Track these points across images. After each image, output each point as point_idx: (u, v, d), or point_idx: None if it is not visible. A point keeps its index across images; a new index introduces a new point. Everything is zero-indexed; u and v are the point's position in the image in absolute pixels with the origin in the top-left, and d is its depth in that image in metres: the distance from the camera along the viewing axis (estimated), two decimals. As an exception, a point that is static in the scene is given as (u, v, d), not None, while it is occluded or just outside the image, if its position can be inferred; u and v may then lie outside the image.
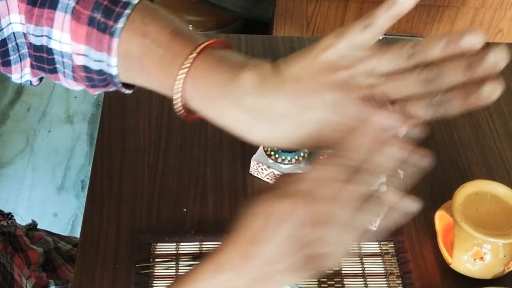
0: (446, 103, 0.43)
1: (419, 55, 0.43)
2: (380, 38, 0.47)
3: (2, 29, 0.57)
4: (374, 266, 0.79)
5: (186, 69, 0.49)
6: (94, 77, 0.57)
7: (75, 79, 0.59)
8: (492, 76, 0.42)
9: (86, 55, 0.55)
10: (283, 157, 0.83)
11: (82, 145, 2.07)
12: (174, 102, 0.51)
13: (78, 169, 2.00)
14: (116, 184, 0.86)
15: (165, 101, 0.97)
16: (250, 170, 0.88)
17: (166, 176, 0.87)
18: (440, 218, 0.80)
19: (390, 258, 0.80)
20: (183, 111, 0.52)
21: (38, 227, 0.99)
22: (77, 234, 0.94)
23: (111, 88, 0.59)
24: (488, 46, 0.43)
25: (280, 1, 1.62)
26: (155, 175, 0.87)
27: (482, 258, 0.74)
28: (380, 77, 0.45)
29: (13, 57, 0.59)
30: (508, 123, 0.98)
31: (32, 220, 0.99)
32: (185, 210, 0.83)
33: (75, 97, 2.21)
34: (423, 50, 0.43)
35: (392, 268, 0.79)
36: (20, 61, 0.60)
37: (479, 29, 0.43)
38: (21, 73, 0.61)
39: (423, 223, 0.83)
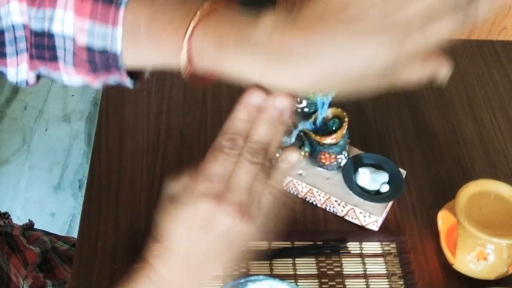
0: (472, 8, 0.43)
1: None
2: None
3: (1, 18, 0.57)
4: (376, 266, 0.79)
5: (193, 25, 0.49)
6: (96, 59, 0.56)
7: (75, 66, 0.58)
8: None
9: (89, 31, 0.54)
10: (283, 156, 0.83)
11: (79, 144, 2.07)
12: (181, 59, 0.51)
13: (76, 168, 2.00)
14: (114, 184, 0.86)
15: (163, 100, 0.97)
16: (250, 169, 0.87)
17: (164, 175, 0.87)
18: (443, 218, 0.80)
19: (392, 258, 0.80)
20: (189, 68, 0.51)
21: (35, 227, 0.99)
22: (74, 234, 0.94)
23: (113, 77, 0.58)
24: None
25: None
26: (153, 174, 0.87)
27: (485, 258, 0.74)
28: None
29: (9, 49, 0.59)
30: (512, 122, 0.98)
31: (29, 220, 0.99)
32: (184, 210, 0.83)
33: (73, 95, 2.21)
34: None
35: (394, 269, 0.79)
36: (17, 55, 0.59)
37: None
38: (17, 68, 0.60)
39: (425, 223, 0.83)
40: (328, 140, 0.82)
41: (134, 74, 0.58)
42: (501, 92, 1.03)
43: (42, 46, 0.58)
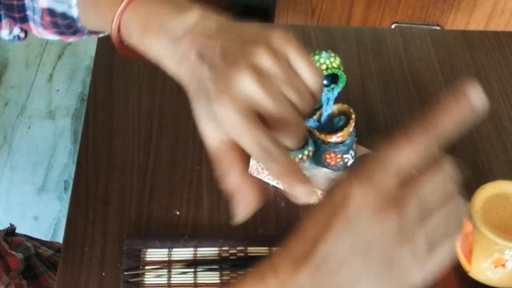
0: None
1: None
2: (393, 27, 0.47)
3: None
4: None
5: (126, 3, 0.53)
6: (59, 22, 0.61)
7: (44, 27, 0.63)
8: None
9: None
10: (285, 156, 0.83)
11: (65, 142, 2.07)
12: (111, 32, 0.56)
13: (61, 169, 2.00)
14: (102, 185, 0.86)
15: (156, 95, 0.97)
16: (249, 169, 0.87)
17: (157, 176, 0.87)
18: (458, 223, 0.80)
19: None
20: (118, 42, 0.56)
21: (17, 231, 0.99)
22: (59, 239, 0.94)
23: (81, 37, 0.64)
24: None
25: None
26: (145, 175, 0.87)
27: (503, 265, 0.74)
28: None
29: (2, 11, 0.63)
30: (532, 119, 0.98)
31: (10, 224, 0.99)
32: (178, 213, 0.83)
33: (58, 90, 2.21)
34: None
35: (405, 277, 0.79)
36: (7, 15, 0.64)
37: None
38: (9, 28, 0.66)
39: (438, 228, 0.83)
40: (334, 138, 0.82)
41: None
42: (520, 87, 1.03)
43: (12, 7, 0.63)
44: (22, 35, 0.70)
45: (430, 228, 0.41)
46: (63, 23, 0.61)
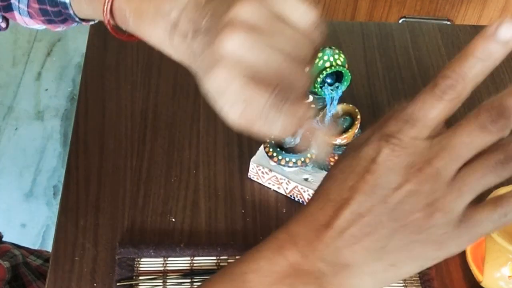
0: None
1: None
2: (401, 21, 0.47)
3: None
4: (393, 285, 0.79)
5: None
6: (48, 9, 0.61)
7: (30, 15, 0.63)
8: None
9: None
10: (287, 159, 0.83)
11: (54, 145, 2.07)
12: (104, 18, 0.56)
13: (50, 173, 2.00)
14: (93, 190, 0.86)
15: (150, 94, 0.97)
16: (248, 174, 0.88)
17: (151, 180, 0.87)
18: (469, 229, 0.80)
19: (412, 276, 0.80)
20: (111, 27, 0.57)
21: (3, 239, 0.99)
22: (48, 247, 0.94)
23: (71, 25, 0.64)
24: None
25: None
26: (138, 179, 0.87)
27: (518, 275, 0.74)
28: None
29: None
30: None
31: (-4, 231, 0.99)
32: (173, 220, 0.84)
33: (46, 89, 2.21)
34: None
35: (414, 287, 0.79)
36: None
37: None
38: None
39: (449, 235, 0.83)
40: (338, 140, 0.82)
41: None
42: (535, 85, 1.03)
43: None
44: (3, 25, 0.69)
45: (464, 191, 0.39)
46: (53, 10, 0.61)
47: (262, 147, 0.86)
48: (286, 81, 0.44)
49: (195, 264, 0.79)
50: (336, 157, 0.82)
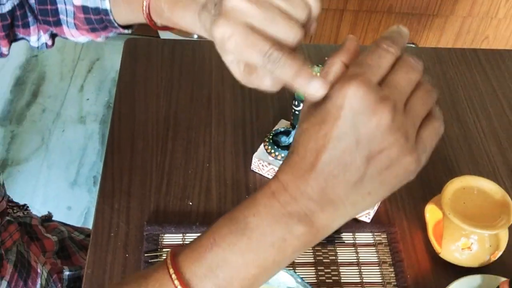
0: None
1: None
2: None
3: None
4: (368, 255, 0.79)
5: None
6: (92, 18, 0.59)
7: (77, 27, 0.62)
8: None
9: None
10: (282, 155, 0.83)
11: (94, 143, 2.07)
12: (143, 13, 0.55)
13: (90, 166, 2.00)
14: (126, 180, 0.86)
15: (171, 103, 0.97)
16: (251, 166, 0.88)
17: (172, 172, 0.87)
18: (430, 211, 0.80)
19: (383, 248, 0.80)
20: (149, 21, 0.56)
21: (53, 219, 0.99)
22: (89, 225, 0.94)
23: (111, 32, 0.62)
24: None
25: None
26: (162, 171, 0.87)
27: (469, 248, 0.74)
28: None
29: (30, 18, 0.64)
30: (493, 123, 0.98)
31: (48, 212, 0.99)
32: (190, 203, 0.84)
33: (88, 99, 2.21)
34: None
35: (385, 257, 0.79)
36: (36, 22, 0.63)
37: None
38: (38, 35, 0.65)
39: (414, 216, 0.83)
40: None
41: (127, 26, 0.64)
42: (483, 96, 1.03)
43: (46, 11, 0.61)
44: (49, 42, 0.68)
45: (413, 113, 0.40)
46: (96, 18, 0.60)
47: (262, 145, 0.86)
48: (281, 34, 0.42)
49: (208, 239, 0.79)
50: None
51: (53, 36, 0.67)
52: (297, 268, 0.77)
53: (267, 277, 0.43)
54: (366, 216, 0.81)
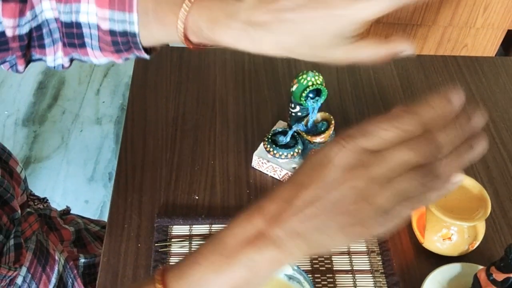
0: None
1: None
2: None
3: (36, 16, 0.58)
4: (358, 245, 0.79)
5: (190, 3, 0.51)
6: (118, 40, 0.57)
7: (101, 49, 0.60)
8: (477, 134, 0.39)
9: (110, 19, 0.56)
10: (280, 153, 0.83)
11: (109, 142, 2.07)
12: (178, 34, 0.52)
13: (106, 163, 2.00)
14: (138, 176, 0.86)
15: (179, 105, 0.97)
16: (252, 163, 0.87)
17: (180, 169, 0.87)
18: (414, 205, 0.80)
19: (371, 238, 0.80)
20: (186, 41, 0.53)
21: (71, 212, 0.99)
22: (105, 218, 0.94)
23: (133, 54, 0.60)
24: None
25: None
26: (171, 168, 0.87)
27: (450, 238, 0.74)
28: None
29: (47, 40, 0.60)
30: (472, 124, 0.98)
31: (66, 206, 0.99)
32: (197, 197, 0.83)
33: (103, 102, 2.21)
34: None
35: (373, 247, 0.79)
36: (53, 44, 0.61)
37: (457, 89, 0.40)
38: (54, 56, 0.62)
39: (399, 209, 0.83)
40: (318, 139, 0.82)
41: (149, 49, 0.60)
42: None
43: (72, 35, 0.59)
44: (66, 64, 0.65)
45: (393, 191, 0.39)
46: (122, 40, 0.57)
47: (262, 144, 0.86)
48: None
49: (212, 230, 0.79)
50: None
51: (71, 59, 0.65)
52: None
53: None
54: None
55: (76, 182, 1.94)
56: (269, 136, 0.86)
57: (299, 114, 0.83)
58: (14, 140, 2.05)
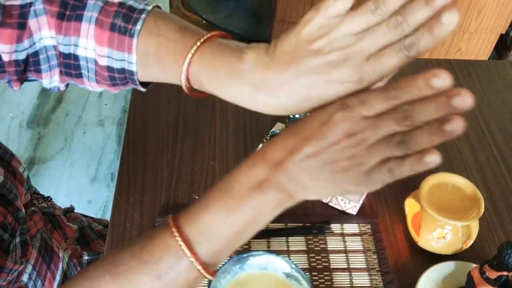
0: (416, 42, 0.41)
1: (382, 7, 0.41)
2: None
3: (34, 43, 0.57)
4: (354, 243, 0.79)
5: (191, 55, 0.49)
6: (115, 75, 0.57)
7: (97, 81, 0.59)
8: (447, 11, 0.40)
9: (109, 57, 0.55)
10: (278, 154, 0.83)
11: (111, 144, 2.07)
12: (181, 83, 0.51)
13: (108, 164, 2.00)
14: (140, 176, 0.86)
15: (180, 107, 0.97)
16: (251, 164, 0.87)
17: (181, 169, 0.87)
18: (409, 204, 0.80)
19: (368, 237, 0.80)
20: (188, 89, 0.52)
21: (75, 211, 0.99)
22: (107, 217, 0.94)
23: (129, 86, 0.59)
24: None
25: (275, 25, 1.62)
26: (172, 168, 0.87)
27: (444, 237, 0.74)
28: (355, 36, 0.43)
29: (43, 66, 0.60)
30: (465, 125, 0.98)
31: (70, 205, 0.99)
32: (197, 197, 0.83)
33: (106, 104, 2.21)
34: (382, 1, 0.41)
35: (369, 246, 0.79)
36: (50, 70, 0.60)
37: None
38: (50, 79, 0.62)
39: (395, 208, 0.83)
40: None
41: (145, 83, 0.59)
42: (456, 101, 1.03)
43: (69, 65, 0.58)
44: (62, 88, 0.63)
45: (376, 154, 0.42)
46: (120, 76, 0.56)
47: (261, 145, 0.86)
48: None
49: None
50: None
51: (67, 84, 0.63)
52: (291, 255, 0.77)
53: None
54: (353, 209, 0.81)
55: (79, 183, 1.94)
56: (268, 138, 0.86)
57: (296, 116, 0.83)
58: (18, 141, 2.05)
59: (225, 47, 0.49)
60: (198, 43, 0.49)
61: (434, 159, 0.42)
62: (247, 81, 0.46)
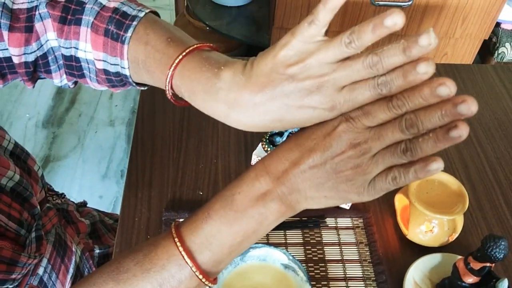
0: (389, 83, 0.39)
1: (356, 42, 0.39)
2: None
3: (42, 45, 0.57)
4: (348, 236, 0.79)
5: (173, 68, 0.48)
6: (112, 78, 0.56)
7: (98, 82, 0.59)
8: (425, 57, 0.39)
9: (104, 61, 0.55)
10: (277, 152, 0.83)
11: (121, 143, 2.07)
12: (167, 93, 0.49)
13: (118, 162, 2.00)
14: (147, 173, 0.86)
15: (185, 108, 0.97)
16: (251, 162, 0.87)
17: (186, 167, 0.87)
18: (399, 200, 0.80)
19: (360, 230, 0.80)
20: (172, 99, 0.50)
21: (88, 206, 0.99)
22: (117, 212, 0.94)
23: (128, 87, 0.59)
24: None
25: (274, 32, 1.62)
26: (177, 166, 0.87)
27: (431, 230, 0.74)
28: (331, 66, 0.40)
29: (53, 67, 0.60)
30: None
31: (83, 200, 0.99)
32: (201, 193, 0.83)
33: (116, 105, 2.20)
34: (357, 37, 0.38)
35: (362, 238, 0.79)
36: (59, 70, 0.60)
37: (396, 12, 0.38)
38: (61, 78, 0.62)
39: (385, 204, 0.83)
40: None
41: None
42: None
43: (72, 67, 0.59)
44: (72, 86, 0.63)
45: (379, 163, 0.41)
46: (116, 79, 0.56)
47: (260, 144, 0.86)
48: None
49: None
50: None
51: (75, 82, 0.64)
52: (288, 248, 0.77)
53: (248, 245, 0.45)
54: (346, 204, 0.81)
55: (91, 179, 1.94)
56: (267, 137, 0.86)
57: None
58: (35, 140, 2.05)
59: (205, 61, 0.46)
60: (180, 57, 0.47)
61: (439, 166, 0.40)
62: (222, 99, 0.44)
